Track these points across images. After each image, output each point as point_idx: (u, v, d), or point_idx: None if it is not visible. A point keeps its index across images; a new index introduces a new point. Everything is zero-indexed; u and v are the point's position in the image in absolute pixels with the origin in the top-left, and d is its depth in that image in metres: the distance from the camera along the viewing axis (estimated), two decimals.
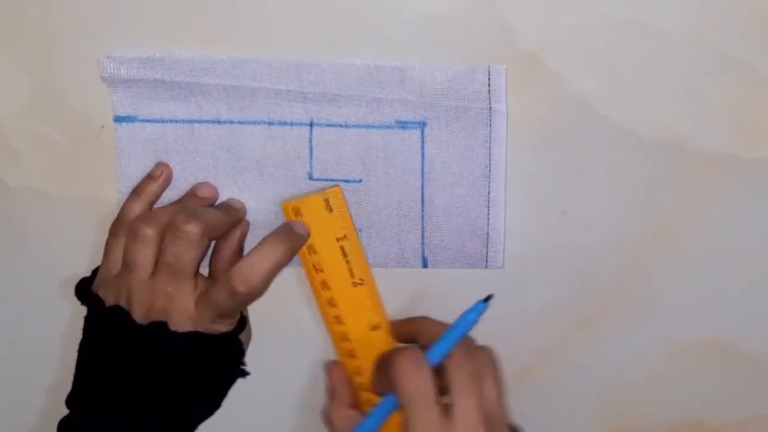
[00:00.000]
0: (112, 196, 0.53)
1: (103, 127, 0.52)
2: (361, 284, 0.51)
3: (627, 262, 0.54)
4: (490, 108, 0.51)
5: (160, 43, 0.50)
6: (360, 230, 0.53)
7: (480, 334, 0.55)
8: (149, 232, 0.47)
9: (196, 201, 0.52)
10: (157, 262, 0.48)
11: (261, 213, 0.53)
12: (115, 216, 0.51)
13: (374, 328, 0.51)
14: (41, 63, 0.51)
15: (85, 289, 0.50)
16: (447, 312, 0.53)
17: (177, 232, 0.47)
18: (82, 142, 0.52)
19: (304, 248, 0.50)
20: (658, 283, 0.55)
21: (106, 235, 0.51)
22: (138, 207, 0.50)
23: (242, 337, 0.51)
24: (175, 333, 0.47)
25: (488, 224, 0.53)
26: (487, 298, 0.47)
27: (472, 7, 0.50)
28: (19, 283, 0.54)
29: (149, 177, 0.52)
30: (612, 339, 0.55)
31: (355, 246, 0.50)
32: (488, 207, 0.53)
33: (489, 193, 0.53)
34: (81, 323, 0.50)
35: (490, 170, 0.52)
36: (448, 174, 0.52)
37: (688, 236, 0.54)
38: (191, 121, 0.52)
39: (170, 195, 0.52)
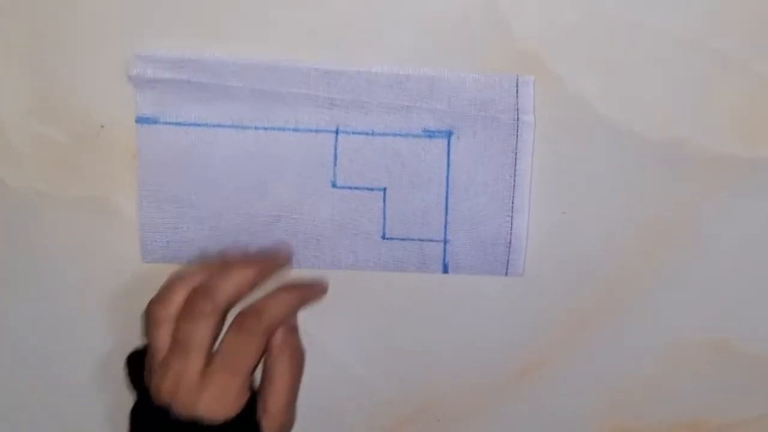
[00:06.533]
0: (112, 195, 0.53)
1: (102, 127, 0.52)
2: None
3: (627, 262, 0.54)
4: (518, 119, 0.51)
5: (162, 43, 0.50)
6: (383, 237, 0.53)
7: (480, 334, 0.56)
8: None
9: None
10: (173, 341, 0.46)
11: (281, 221, 0.52)
12: (121, 218, 0.51)
13: None
14: (42, 63, 0.51)
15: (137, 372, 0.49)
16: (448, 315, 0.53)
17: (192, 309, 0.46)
18: (82, 142, 0.52)
19: None
20: (657, 282, 0.55)
21: (107, 235, 0.51)
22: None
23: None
24: (176, 419, 0.44)
25: (511, 233, 0.53)
26: None
27: (471, 7, 0.50)
28: (18, 283, 0.54)
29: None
30: (612, 339, 0.55)
31: None
32: (512, 216, 0.52)
33: (513, 202, 0.52)
34: (78, 329, 0.49)
35: (515, 180, 0.52)
36: (473, 183, 0.52)
37: (688, 236, 0.54)
38: (215, 126, 0.51)
39: (192, 199, 0.52)
